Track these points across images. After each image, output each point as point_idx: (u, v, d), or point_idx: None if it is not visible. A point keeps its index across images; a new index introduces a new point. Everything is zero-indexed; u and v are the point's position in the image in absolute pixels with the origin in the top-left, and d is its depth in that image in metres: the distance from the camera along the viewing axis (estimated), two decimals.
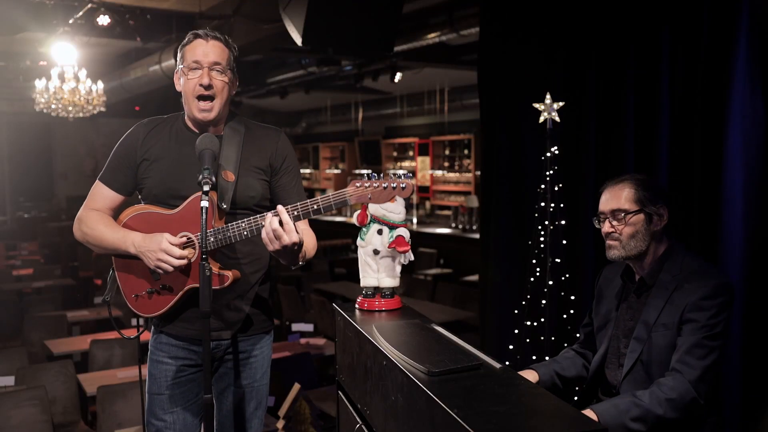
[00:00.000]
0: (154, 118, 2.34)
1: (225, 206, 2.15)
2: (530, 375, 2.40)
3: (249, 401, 2.35)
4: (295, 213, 2.01)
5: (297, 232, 2.00)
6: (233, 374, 2.32)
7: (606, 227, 2.28)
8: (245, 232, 2.06)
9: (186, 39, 2.24)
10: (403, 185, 1.98)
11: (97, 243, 2.23)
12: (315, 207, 2.01)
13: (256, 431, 2.38)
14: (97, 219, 2.24)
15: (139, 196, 2.31)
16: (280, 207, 2.02)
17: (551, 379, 2.41)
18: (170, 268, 2.09)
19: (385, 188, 1.97)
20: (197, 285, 2.10)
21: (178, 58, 2.25)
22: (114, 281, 2.29)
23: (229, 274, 2.13)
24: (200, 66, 2.17)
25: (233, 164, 2.21)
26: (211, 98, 2.17)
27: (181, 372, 2.28)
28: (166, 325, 2.28)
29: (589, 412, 2.04)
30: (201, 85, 2.16)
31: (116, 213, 2.29)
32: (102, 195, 2.28)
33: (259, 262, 2.30)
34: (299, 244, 2.04)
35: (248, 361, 2.33)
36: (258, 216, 2.06)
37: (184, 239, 2.12)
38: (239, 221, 2.07)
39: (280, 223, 1.98)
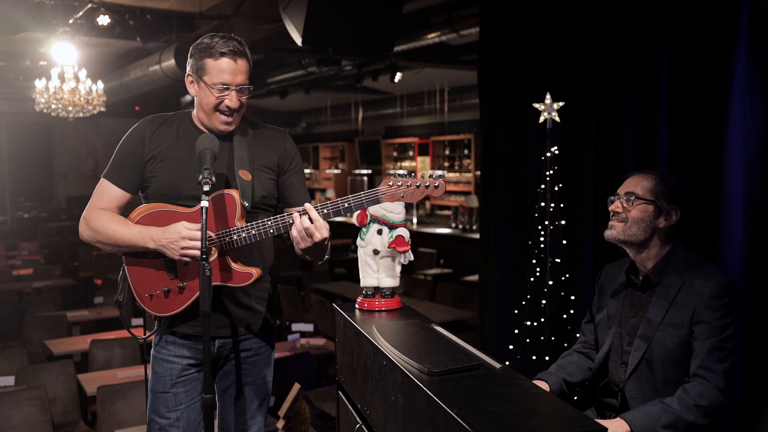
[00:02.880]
0: (159, 115, 2.32)
1: (247, 205, 2.15)
2: (540, 385, 2.39)
3: (253, 399, 2.35)
4: (325, 211, 2.04)
5: (327, 228, 2.04)
6: (237, 372, 2.33)
7: (615, 205, 2.32)
8: (271, 230, 2.08)
9: (209, 49, 2.14)
10: (437, 184, 1.96)
11: (111, 242, 2.19)
12: (346, 205, 2.01)
13: (259, 428, 2.39)
14: (109, 218, 2.21)
15: (142, 195, 2.29)
16: (307, 205, 2.05)
17: (560, 387, 2.42)
18: (197, 253, 2.06)
19: (418, 187, 1.96)
20: (218, 283, 2.14)
21: (194, 65, 2.19)
22: (125, 281, 2.27)
23: (254, 271, 2.14)
24: (228, 87, 2.15)
25: (247, 164, 2.22)
26: (234, 114, 2.19)
27: (186, 371, 2.29)
28: (174, 325, 2.27)
29: (619, 422, 2.04)
30: (228, 106, 2.16)
31: (123, 212, 2.27)
32: (109, 194, 2.25)
33: (264, 260, 2.31)
34: (328, 239, 2.07)
35: (252, 359, 2.34)
36: (285, 215, 2.08)
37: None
38: (264, 219, 2.09)
39: (310, 220, 2.02)
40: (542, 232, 3.32)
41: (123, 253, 2.24)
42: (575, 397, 2.46)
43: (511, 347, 3.50)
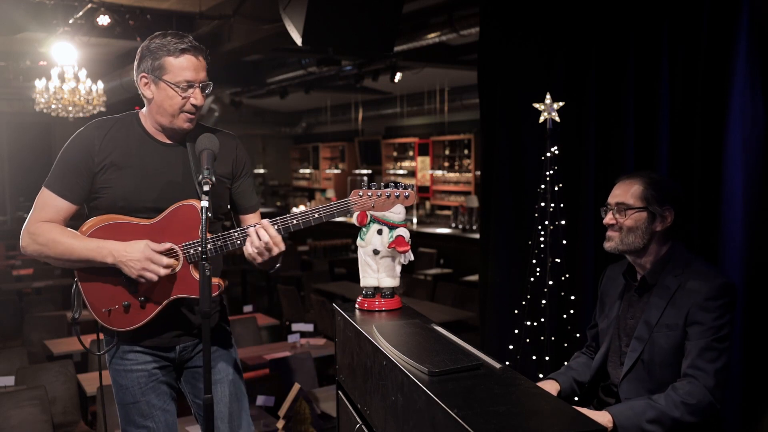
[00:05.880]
0: (106, 119, 2.21)
1: (211, 215, 2.10)
2: (551, 385, 2.41)
3: (226, 394, 2.33)
4: (295, 221, 2.03)
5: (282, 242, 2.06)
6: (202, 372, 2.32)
7: (608, 218, 2.32)
8: (238, 242, 2.08)
9: (167, 47, 2.09)
10: (407, 194, 2.00)
11: (63, 257, 2.07)
12: (316, 215, 2.01)
13: (246, 423, 2.37)
14: (59, 231, 2.08)
15: (89, 206, 2.18)
16: (264, 222, 2.05)
17: (570, 386, 2.42)
18: (155, 277, 2.03)
19: (388, 197, 1.99)
20: (182, 295, 2.12)
21: (151, 65, 2.12)
22: (79, 296, 2.16)
23: (221, 283, 2.13)
24: (193, 84, 2.10)
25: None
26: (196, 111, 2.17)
27: (153, 376, 2.26)
28: (135, 338, 2.21)
29: (604, 414, 2.06)
30: (193, 104, 2.12)
31: (68, 224, 2.15)
32: (54, 206, 2.11)
33: (216, 262, 2.28)
34: (282, 252, 2.09)
35: (214, 356, 2.32)
36: (250, 226, 2.07)
37: (168, 245, 2.07)
38: (230, 231, 2.09)
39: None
40: (542, 232, 3.32)
41: (76, 268, 2.13)
42: (575, 398, 2.46)
43: (511, 347, 3.50)
